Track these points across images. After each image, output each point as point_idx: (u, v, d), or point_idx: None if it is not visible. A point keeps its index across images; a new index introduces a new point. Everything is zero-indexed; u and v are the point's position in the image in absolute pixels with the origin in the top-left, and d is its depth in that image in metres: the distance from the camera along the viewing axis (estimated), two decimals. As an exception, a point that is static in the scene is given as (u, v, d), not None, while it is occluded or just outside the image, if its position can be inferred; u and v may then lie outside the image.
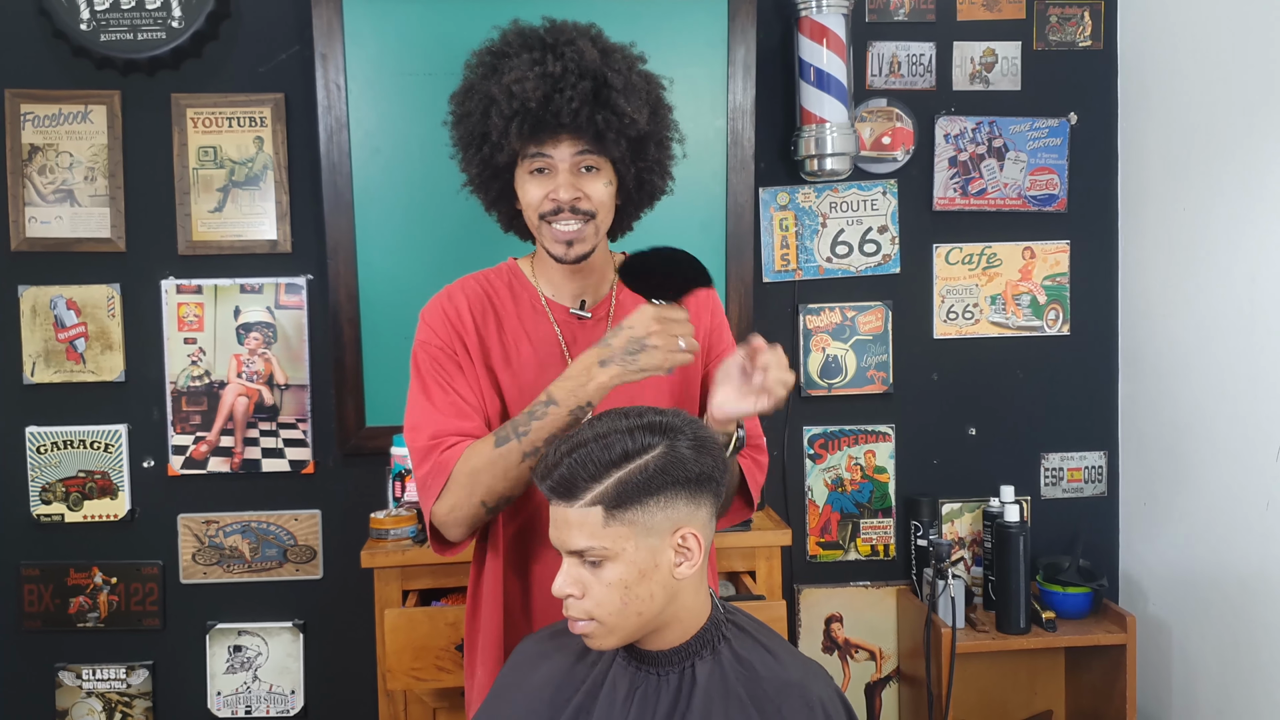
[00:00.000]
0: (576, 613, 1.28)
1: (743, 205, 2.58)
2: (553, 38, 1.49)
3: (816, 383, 2.69)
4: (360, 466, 2.58)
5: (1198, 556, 2.46)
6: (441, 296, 1.62)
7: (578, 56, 1.46)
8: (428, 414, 1.54)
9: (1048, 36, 2.69)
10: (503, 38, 1.52)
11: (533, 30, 1.51)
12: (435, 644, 2.10)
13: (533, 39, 1.49)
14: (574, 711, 1.35)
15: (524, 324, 1.61)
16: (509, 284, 1.64)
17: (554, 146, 1.49)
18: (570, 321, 1.61)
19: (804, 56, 2.52)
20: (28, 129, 2.51)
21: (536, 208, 1.51)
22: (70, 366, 2.55)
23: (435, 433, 1.51)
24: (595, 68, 1.47)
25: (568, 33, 1.50)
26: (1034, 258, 2.72)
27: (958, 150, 2.68)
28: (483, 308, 1.61)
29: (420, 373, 1.57)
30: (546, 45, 1.48)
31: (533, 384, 1.57)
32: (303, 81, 2.53)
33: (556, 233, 1.51)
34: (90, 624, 2.59)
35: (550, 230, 1.51)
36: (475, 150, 1.53)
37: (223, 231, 2.55)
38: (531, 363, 1.59)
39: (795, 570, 2.72)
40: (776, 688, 1.31)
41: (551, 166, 1.50)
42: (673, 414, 1.32)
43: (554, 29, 1.51)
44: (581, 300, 1.61)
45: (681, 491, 1.27)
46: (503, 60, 1.49)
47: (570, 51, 1.46)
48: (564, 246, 1.52)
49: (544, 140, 1.48)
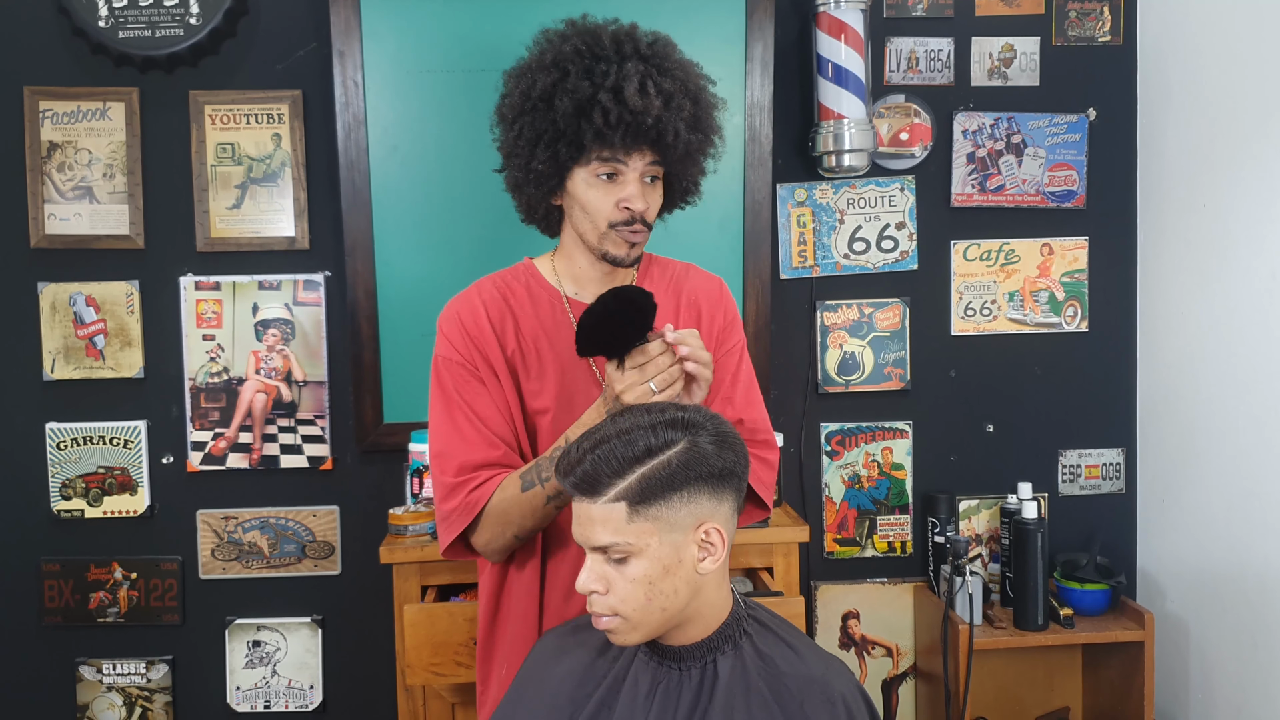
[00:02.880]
0: (600, 608, 1.28)
1: (760, 202, 2.58)
2: (650, 49, 1.52)
3: (834, 379, 2.69)
4: (378, 463, 2.58)
5: (1216, 554, 2.45)
6: (458, 304, 1.61)
7: (684, 75, 1.52)
8: (452, 442, 1.55)
9: (1067, 32, 2.67)
10: (594, 36, 1.51)
11: (626, 35, 1.52)
12: (454, 639, 2.11)
13: (628, 47, 1.50)
14: (596, 706, 1.35)
15: (544, 325, 1.61)
16: (526, 285, 1.64)
17: (633, 156, 1.51)
18: None
19: (822, 52, 2.51)
20: (47, 126, 2.52)
21: (607, 216, 1.53)
22: (90, 363, 2.56)
23: (462, 466, 1.54)
24: (695, 90, 1.53)
25: (663, 45, 1.54)
26: (1052, 254, 2.71)
27: (976, 146, 2.67)
28: (500, 313, 1.60)
29: (444, 389, 1.58)
30: (646, 58, 1.50)
31: (555, 385, 1.57)
32: (320, 79, 2.53)
33: (627, 237, 1.53)
34: (110, 619, 2.60)
35: (618, 236, 1.53)
36: (548, 146, 1.52)
37: (241, 228, 2.55)
38: (553, 364, 1.60)
39: (812, 567, 2.71)
40: (799, 683, 1.32)
41: (622, 174, 1.51)
42: (694, 410, 1.33)
43: (650, 41, 1.53)
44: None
45: (704, 487, 1.27)
46: (599, 63, 1.49)
47: (674, 69, 1.51)
48: (627, 249, 1.55)
49: (630, 150, 1.50)
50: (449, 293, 1.67)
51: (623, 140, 1.48)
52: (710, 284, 1.71)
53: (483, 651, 1.68)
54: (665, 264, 1.72)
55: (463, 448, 1.54)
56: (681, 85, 1.51)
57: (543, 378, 1.59)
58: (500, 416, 1.57)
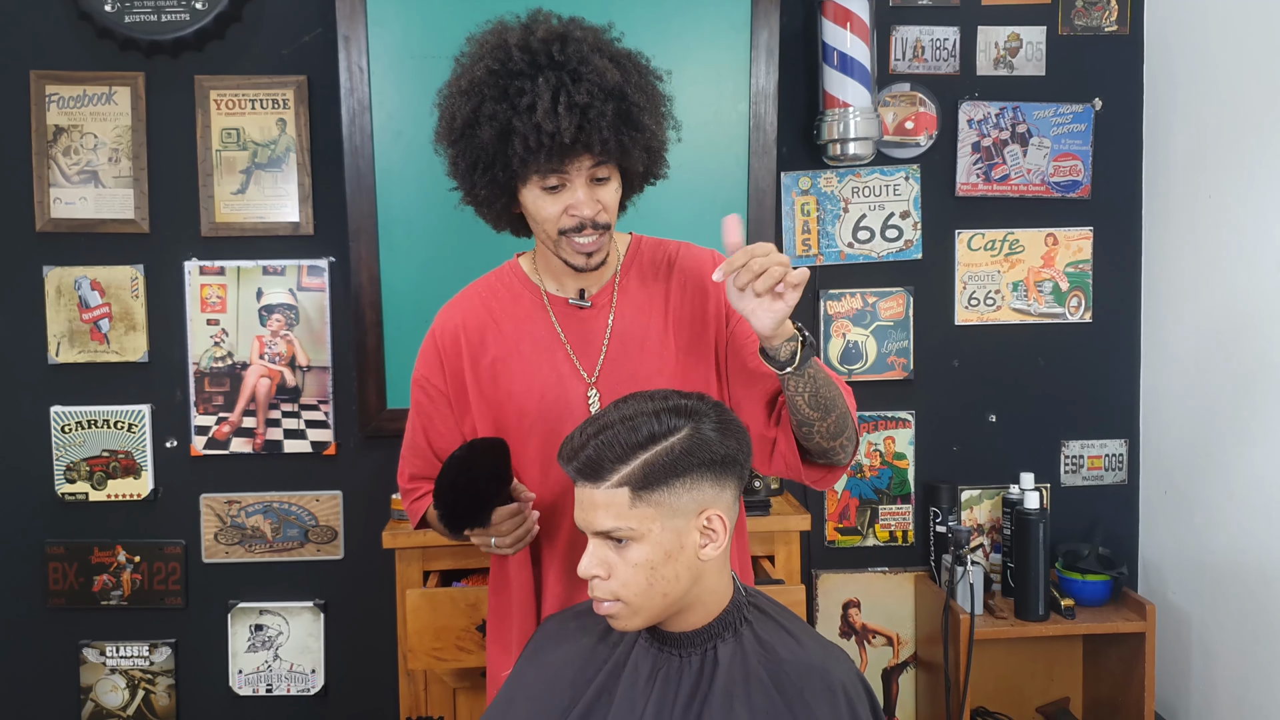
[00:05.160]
0: (602, 593, 1.28)
1: (764, 190, 2.57)
2: (563, 54, 1.42)
3: (837, 368, 2.69)
4: (381, 448, 2.59)
5: (1218, 545, 2.45)
6: (440, 319, 1.66)
7: (599, 79, 1.41)
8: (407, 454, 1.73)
9: (1073, 21, 2.66)
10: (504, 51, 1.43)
11: (539, 44, 1.42)
12: (456, 624, 2.12)
13: (542, 56, 1.42)
14: (596, 692, 1.35)
15: (524, 325, 1.61)
16: (509, 285, 1.64)
17: (571, 165, 1.45)
18: (570, 312, 1.60)
19: (827, 40, 2.51)
20: (52, 110, 2.52)
21: (555, 223, 1.49)
22: (94, 347, 2.56)
23: (412, 475, 1.73)
24: (617, 87, 1.43)
25: (576, 45, 1.43)
26: (1057, 244, 2.70)
27: (981, 135, 2.66)
28: (480, 324, 1.61)
29: (414, 401, 1.69)
30: (559, 65, 1.41)
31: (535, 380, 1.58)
32: (325, 64, 2.53)
33: (578, 245, 1.50)
34: (114, 602, 2.61)
35: (570, 244, 1.50)
36: (484, 172, 1.48)
37: (245, 213, 2.56)
38: (532, 359, 1.59)
39: (813, 555, 2.72)
40: (798, 670, 1.32)
41: (567, 181, 1.47)
42: (697, 397, 1.33)
43: (561, 41, 1.43)
44: (581, 290, 1.60)
45: (707, 473, 1.27)
46: (514, 81, 1.42)
47: (589, 73, 1.41)
48: (584, 258, 1.52)
49: (565, 161, 1.44)
50: (453, 279, 1.70)
51: (548, 160, 1.43)
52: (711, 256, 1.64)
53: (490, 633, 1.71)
54: (655, 247, 1.66)
55: (414, 460, 1.71)
56: (599, 89, 1.41)
57: (526, 376, 1.59)
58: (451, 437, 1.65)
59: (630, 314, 1.60)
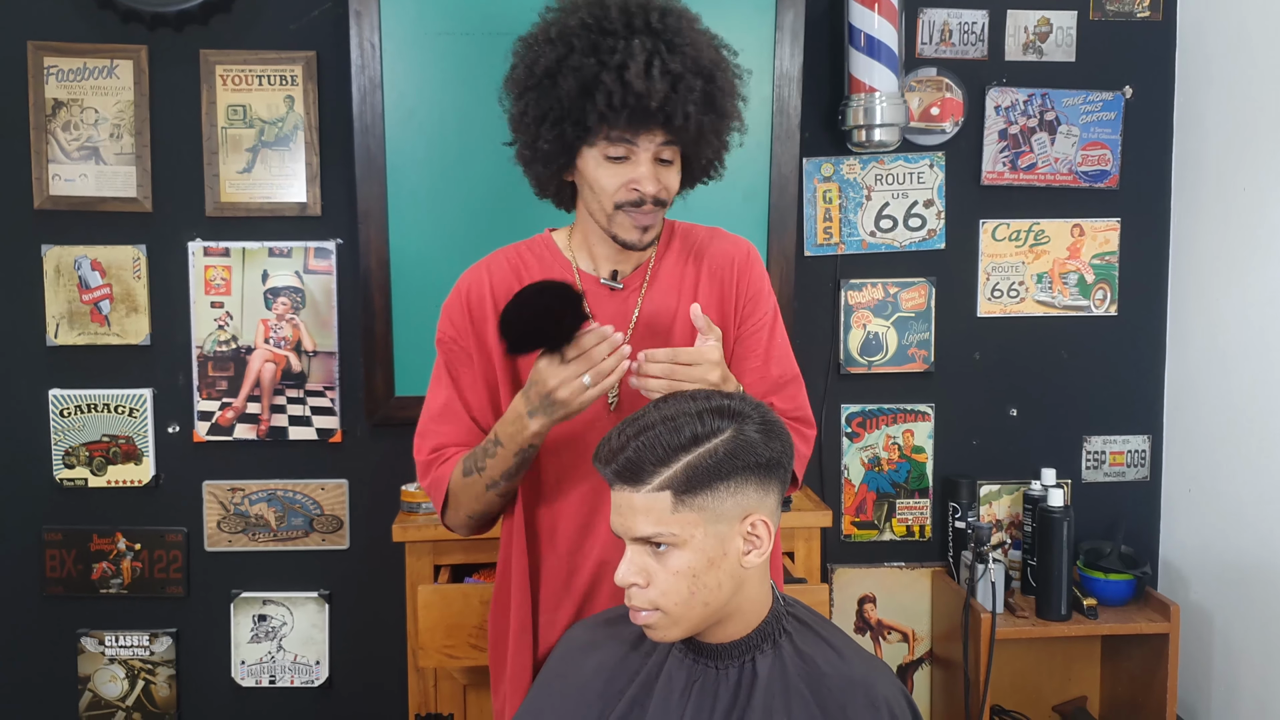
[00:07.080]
0: (640, 602, 1.22)
1: (786, 176, 2.50)
2: (661, 23, 1.41)
3: (856, 360, 2.63)
4: (389, 437, 2.52)
5: (1242, 544, 2.41)
6: (466, 278, 1.59)
7: (694, 53, 1.42)
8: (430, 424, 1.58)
9: (1105, 6, 2.59)
10: (601, 9, 1.42)
11: (637, 7, 1.42)
12: (469, 621, 2.06)
13: (639, 19, 1.41)
14: (628, 704, 1.30)
15: None
16: (540, 256, 1.59)
17: (643, 137, 1.43)
18: (601, 291, 1.56)
19: (854, 22, 2.43)
20: (51, 83, 2.43)
21: (613, 196, 1.45)
22: (95, 328, 2.49)
23: (434, 447, 1.57)
24: (709, 67, 1.43)
25: (675, 18, 1.43)
26: (1083, 235, 2.64)
27: (1008, 123, 2.59)
28: (508, 288, 1.54)
29: (438, 366, 1.59)
30: (656, 32, 1.40)
31: None
32: (335, 40, 2.45)
33: (636, 219, 1.46)
34: (113, 590, 2.55)
35: (627, 218, 1.46)
36: (554, 125, 1.44)
37: (251, 193, 2.48)
38: None
39: (829, 549, 2.67)
40: (841, 685, 1.26)
41: (634, 154, 1.44)
42: (739, 398, 1.27)
43: (660, 12, 1.42)
44: (614, 271, 1.56)
45: (751, 477, 1.22)
46: (607, 39, 1.40)
47: (684, 46, 1.41)
48: (639, 233, 1.48)
49: (639, 131, 1.42)
50: (464, 263, 1.62)
51: (628, 123, 1.40)
52: (736, 250, 1.61)
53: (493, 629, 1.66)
54: (688, 233, 1.64)
55: (439, 428, 1.57)
56: (693, 63, 1.41)
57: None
58: (481, 398, 1.56)
59: (660, 297, 1.57)
